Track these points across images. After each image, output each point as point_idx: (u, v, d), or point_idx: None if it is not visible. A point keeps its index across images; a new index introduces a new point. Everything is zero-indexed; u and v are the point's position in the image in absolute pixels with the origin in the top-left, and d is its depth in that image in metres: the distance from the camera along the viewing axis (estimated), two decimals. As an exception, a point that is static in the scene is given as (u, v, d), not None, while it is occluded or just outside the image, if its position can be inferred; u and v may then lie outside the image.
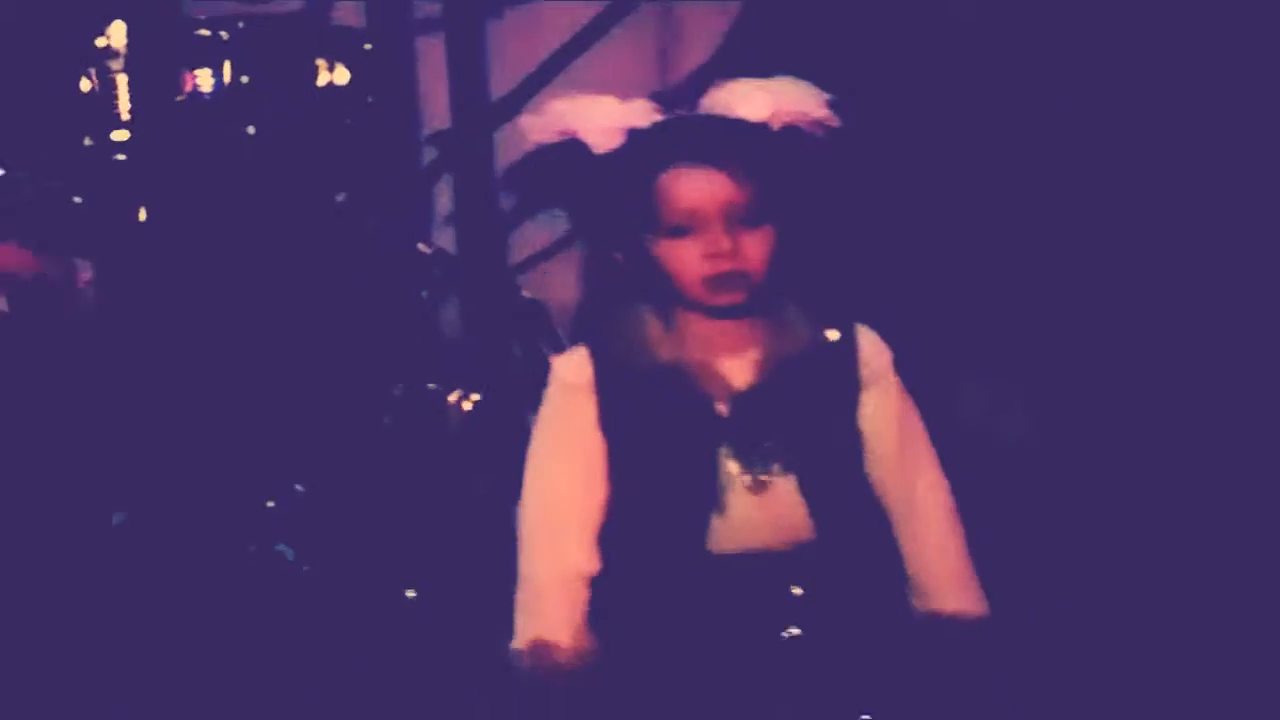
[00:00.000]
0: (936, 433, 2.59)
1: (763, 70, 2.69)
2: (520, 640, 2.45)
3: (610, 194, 2.49)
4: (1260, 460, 3.49)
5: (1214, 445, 3.52)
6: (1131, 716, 2.97)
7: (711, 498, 2.46)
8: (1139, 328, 3.60)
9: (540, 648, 2.45)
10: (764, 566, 2.46)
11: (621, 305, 2.52)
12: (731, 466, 2.45)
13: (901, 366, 2.55)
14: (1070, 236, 3.61)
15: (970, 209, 3.60)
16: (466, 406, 3.55)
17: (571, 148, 2.49)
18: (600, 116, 2.51)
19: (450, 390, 3.57)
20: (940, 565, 2.53)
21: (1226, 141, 3.59)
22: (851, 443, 2.51)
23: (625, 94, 3.75)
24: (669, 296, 2.46)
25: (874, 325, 2.57)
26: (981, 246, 3.60)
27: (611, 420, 2.49)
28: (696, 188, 2.44)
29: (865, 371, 2.52)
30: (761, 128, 2.48)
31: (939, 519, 2.54)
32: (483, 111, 3.90)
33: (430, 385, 3.58)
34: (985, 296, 3.59)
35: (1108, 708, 2.93)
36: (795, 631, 2.46)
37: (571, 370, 2.50)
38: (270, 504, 3.37)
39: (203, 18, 3.65)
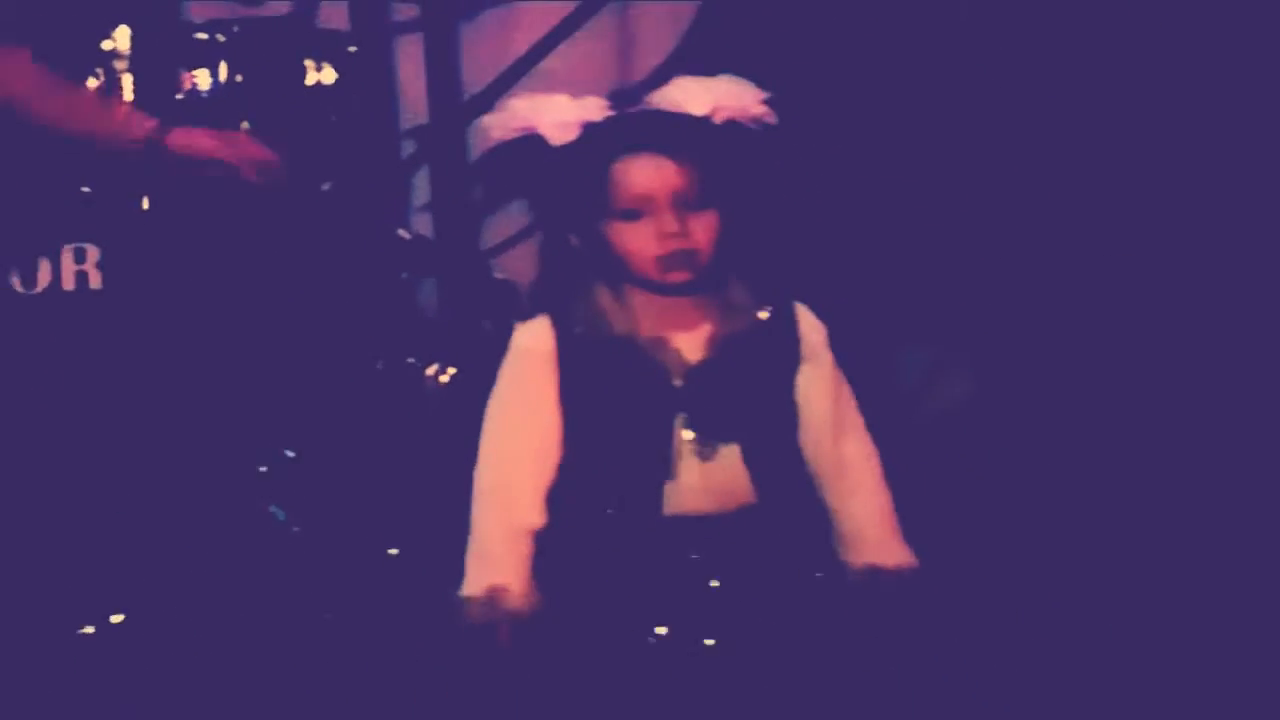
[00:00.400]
0: (872, 398, 2.62)
1: (712, 70, 2.72)
2: (470, 588, 2.47)
3: (567, 182, 2.50)
4: (1191, 424, 3.53)
5: (1141, 410, 3.56)
6: (1051, 656, 2.98)
7: (665, 463, 2.47)
8: (1075, 296, 3.61)
9: (490, 595, 2.46)
10: (707, 528, 2.49)
11: (577, 282, 2.54)
12: (685, 434, 2.48)
13: (835, 340, 2.58)
14: (998, 213, 3.62)
15: (903, 192, 3.61)
16: (444, 379, 3.57)
17: (531, 141, 2.50)
18: (557, 112, 2.52)
19: (428, 364, 3.59)
20: (871, 523, 2.56)
21: (1165, 114, 3.61)
22: (790, 412, 2.54)
23: (586, 90, 3.76)
24: (621, 275, 2.49)
25: (810, 301, 2.59)
26: (912, 228, 3.61)
27: (571, 387, 2.50)
28: (647, 174, 2.47)
29: (804, 347, 2.55)
30: (705, 121, 2.50)
31: (869, 482, 2.57)
32: (457, 107, 3.89)
33: (410, 360, 3.59)
34: (915, 274, 3.60)
35: (1029, 651, 2.95)
36: (715, 584, 2.48)
37: (533, 338, 2.52)
38: (263, 469, 3.39)
39: (200, 22, 3.67)
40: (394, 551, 3.32)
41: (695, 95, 2.52)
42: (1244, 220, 3.55)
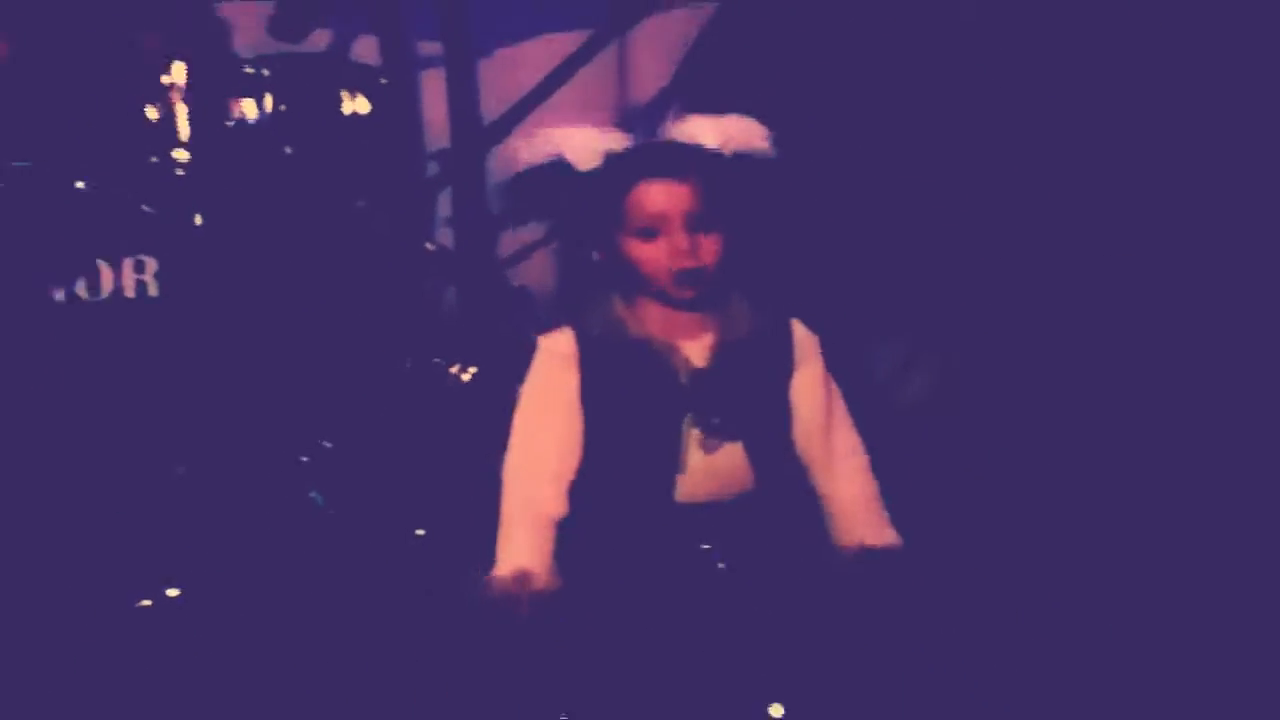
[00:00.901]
0: (860, 394, 2.68)
1: (702, 94, 2.70)
2: (498, 569, 2.52)
3: (591, 203, 2.54)
4: (1144, 414, 3.47)
5: (1108, 398, 3.48)
6: (1015, 623, 2.91)
7: (675, 454, 2.51)
8: (1039, 301, 3.54)
9: (515, 576, 2.50)
10: (712, 514, 2.53)
11: (597, 295, 2.57)
12: (692, 429, 2.51)
13: (825, 346, 2.62)
14: (965, 227, 3.56)
15: (881, 209, 3.59)
16: (465, 377, 3.57)
17: (559, 166, 2.53)
18: (583, 141, 2.55)
19: (451, 363, 3.58)
20: (859, 508, 2.61)
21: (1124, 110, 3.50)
22: (785, 410, 2.59)
23: (590, 112, 3.75)
24: (635, 287, 2.54)
25: (803, 312, 2.63)
26: (890, 241, 3.55)
27: (591, 388, 2.53)
28: (663, 198, 2.50)
29: (797, 353, 2.59)
30: (715, 153, 2.54)
31: (857, 471, 2.62)
32: (476, 133, 3.87)
33: (435, 360, 3.59)
34: (894, 282, 3.55)
35: (996, 616, 2.89)
36: (722, 566, 2.51)
37: (558, 345, 2.55)
38: (304, 459, 3.38)
39: (248, 57, 3.68)
40: (421, 532, 3.29)
41: (708, 130, 2.56)
42: (1208, 212, 3.49)
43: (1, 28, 3.32)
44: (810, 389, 2.60)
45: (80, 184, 3.30)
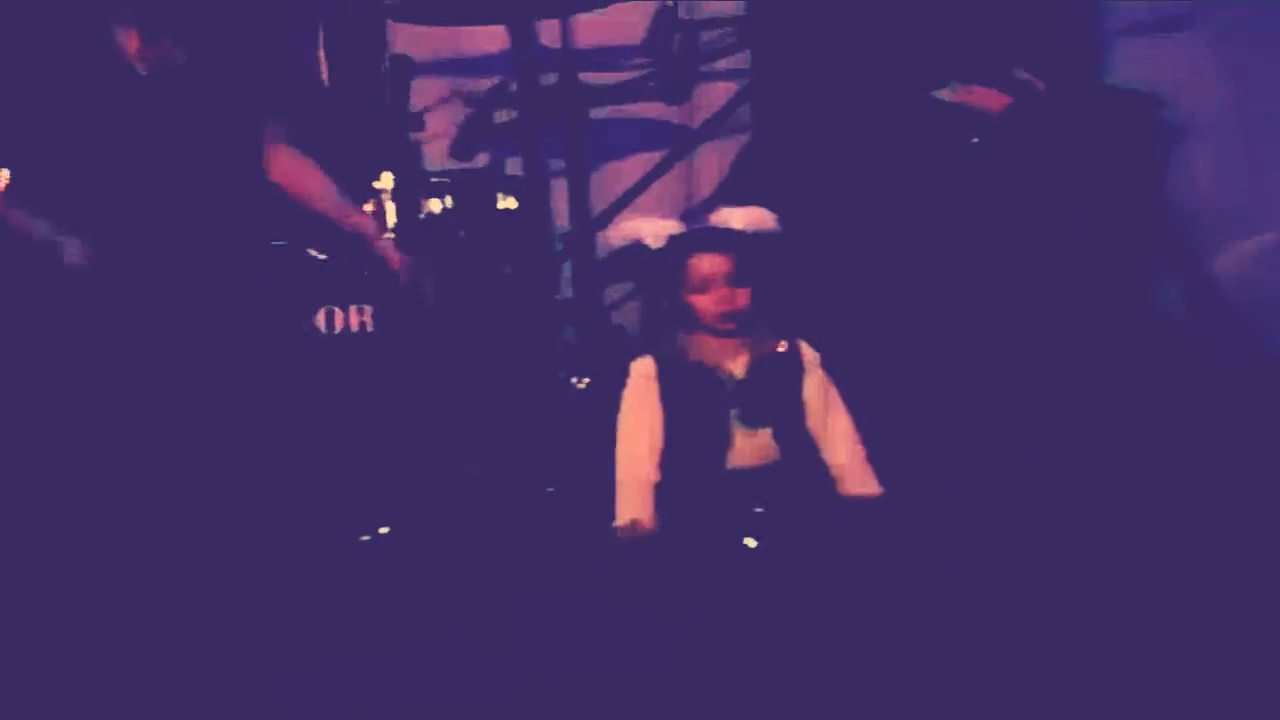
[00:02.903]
0: (853, 389, 2.75)
1: (747, 191, 2.71)
2: (618, 520, 2.68)
3: (661, 270, 2.71)
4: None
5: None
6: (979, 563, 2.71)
7: (725, 438, 2.66)
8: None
9: (629, 525, 2.65)
10: (752, 476, 2.63)
11: (668, 331, 2.72)
12: (736, 420, 2.66)
13: (825, 361, 2.74)
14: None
15: (871, 266, 3.49)
16: (581, 386, 3.58)
17: (637, 246, 2.69)
18: (652, 229, 2.70)
19: (572, 376, 3.60)
20: (852, 468, 2.72)
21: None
22: (799, 404, 2.72)
23: (667, 204, 3.76)
24: (694, 326, 2.71)
25: (810, 337, 2.73)
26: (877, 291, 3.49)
27: (668, 394, 2.69)
28: (709, 265, 2.68)
29: (805, 365, 2.74)
30: (742, 232, 2.69)
31: (850, 442, 2.74)
32: (589, 221, 3.88)
33: (560, 374, 3.61)
34: (877, 318, 3.46)
35: (965, 557, 2.71)
36: (759, 510, 2.61)
37: (643, 368, 2.73)
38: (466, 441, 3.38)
39: (435, 170, 3.80)
40: (551, 489, 3.28)
41: (736, 216, 2.71)
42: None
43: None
44: (815, 389, 2.75)
45: (321, 255, 3.35)
